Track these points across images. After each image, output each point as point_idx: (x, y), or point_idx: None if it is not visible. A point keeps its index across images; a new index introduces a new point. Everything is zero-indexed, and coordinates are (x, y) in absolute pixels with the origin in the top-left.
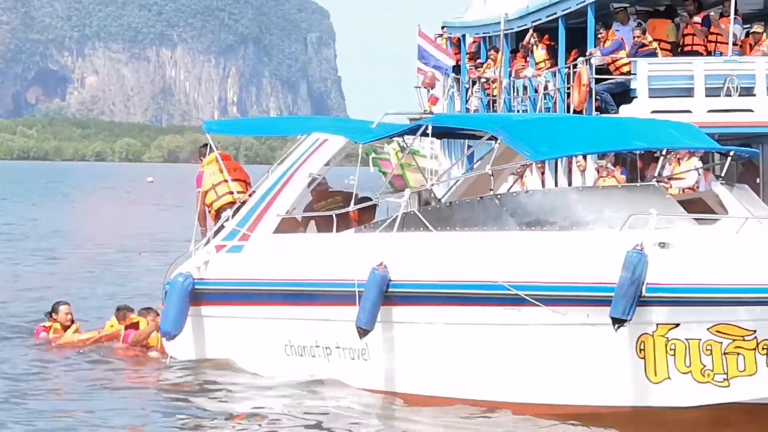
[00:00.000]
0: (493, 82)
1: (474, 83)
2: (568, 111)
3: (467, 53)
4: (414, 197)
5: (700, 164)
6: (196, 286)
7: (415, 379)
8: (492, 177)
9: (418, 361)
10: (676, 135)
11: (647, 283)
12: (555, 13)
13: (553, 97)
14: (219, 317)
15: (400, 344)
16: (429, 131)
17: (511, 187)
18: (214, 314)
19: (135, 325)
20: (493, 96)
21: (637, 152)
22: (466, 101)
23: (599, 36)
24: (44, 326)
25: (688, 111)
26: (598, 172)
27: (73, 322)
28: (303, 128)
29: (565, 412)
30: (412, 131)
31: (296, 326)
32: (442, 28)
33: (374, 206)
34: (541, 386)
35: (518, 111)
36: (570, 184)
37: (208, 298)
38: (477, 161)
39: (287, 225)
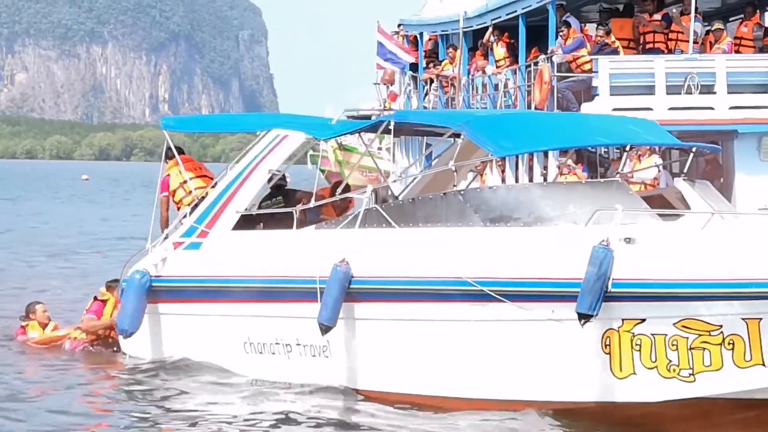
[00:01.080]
0: (452, 80)
1: (432, 81)
2: (530, 109)
3: (424, 51)
4: (372, 194)
5: (660, 161)
6: (154, 284)
7: (376, 376)
8: (456, 173)
9: (380, 358)
10: (638, 131)
11: (613, 279)
12: (515, 11)
13: (512, 95)
14: (177, 315)
15: (362, 341)
16: (391, 127)
17: (469, 184)
18: (172, 312)
19: (105, 303)
20: (452, 94)
21: (610, 148)
22: (424, 99)
23: (560, 34)
24: (22, 327)
25: (650, 108)
26: (559, 169)
27: (50, 320)
28: (263, 125)
29: (530, 408)
30: (373, 127)
31: (256, 323)
32: (399, 26)
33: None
34: (506, 382)
35: (477, 109)
36: (531, 182)
37: (166, 296)
38: (435, 159)
39: (247, 222)
